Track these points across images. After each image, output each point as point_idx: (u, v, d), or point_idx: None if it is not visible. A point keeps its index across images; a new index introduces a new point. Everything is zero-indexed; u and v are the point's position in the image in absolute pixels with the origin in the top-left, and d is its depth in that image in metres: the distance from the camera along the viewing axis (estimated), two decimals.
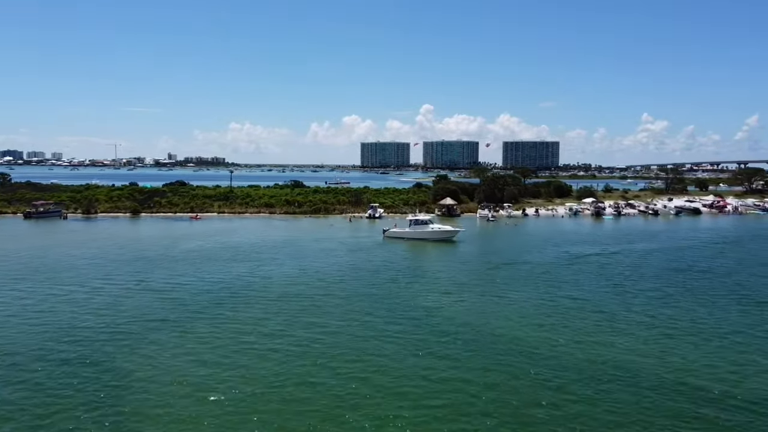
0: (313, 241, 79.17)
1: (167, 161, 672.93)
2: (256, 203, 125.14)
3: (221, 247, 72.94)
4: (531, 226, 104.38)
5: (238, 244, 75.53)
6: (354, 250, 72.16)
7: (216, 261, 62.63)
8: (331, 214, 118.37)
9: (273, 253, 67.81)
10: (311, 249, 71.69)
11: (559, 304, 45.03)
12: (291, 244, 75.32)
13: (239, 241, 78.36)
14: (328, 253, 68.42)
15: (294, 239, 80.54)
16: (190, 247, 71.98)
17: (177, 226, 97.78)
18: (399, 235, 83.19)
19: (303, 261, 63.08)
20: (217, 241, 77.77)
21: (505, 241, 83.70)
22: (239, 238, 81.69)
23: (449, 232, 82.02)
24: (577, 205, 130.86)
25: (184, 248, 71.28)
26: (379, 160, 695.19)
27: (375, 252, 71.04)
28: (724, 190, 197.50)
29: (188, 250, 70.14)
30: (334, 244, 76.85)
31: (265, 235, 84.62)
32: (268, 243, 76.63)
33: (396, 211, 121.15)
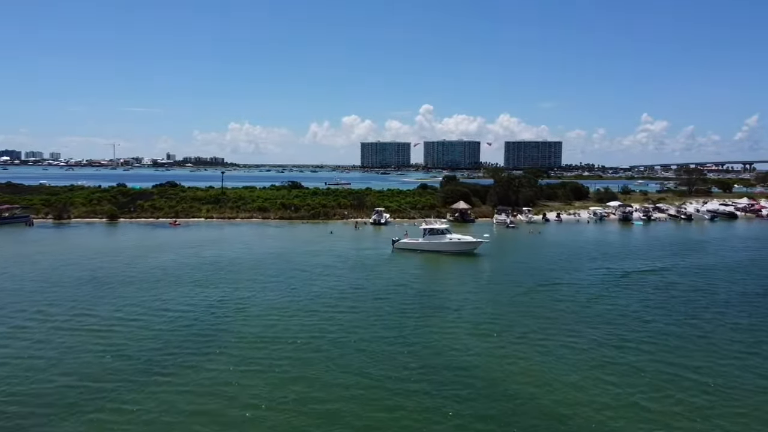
0: (309, 254, 66.45)
1: (165, 161, 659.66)
2: (249, 207, 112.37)
3: (197, 262, 60.17)
4: (555, 233, 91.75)
5: (218, 258, 62.81)
6: (357, 266, 59.38)
7: (184, 284, 49.74)
8: (331, 219, 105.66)
9: (257, 272, 55.00)
10: (305, 266, 58.90)
11: (637, 359, 32.31)
12: (281, 259, 62.57)
13: (221, 254, 65.65)
14: (324, 272, 55.68)
15: (286, 252, 67.79)
16: (159, 263, 59.19)
17: (154, 234, 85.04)
18: (411, 246, 70.55)
19: (292, 283, 50.27)
20: (195, 255, 65.02)
21: (532, 253, 70.98)
22: (222, 249, 68.95)
23: (471, 243, 69.35)
24: (602, 209, 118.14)
25: (150, 264, 58.47)
26: (379, 160, 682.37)
27: (382, 270, 58.28)
28: (746, 191, 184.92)
29: (155, 267, 57.30)
30: (333, 258, 64.17)
31: (253, 246, 71.87)
32: (254, 257, 63.91)
33: (403, 216, 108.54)
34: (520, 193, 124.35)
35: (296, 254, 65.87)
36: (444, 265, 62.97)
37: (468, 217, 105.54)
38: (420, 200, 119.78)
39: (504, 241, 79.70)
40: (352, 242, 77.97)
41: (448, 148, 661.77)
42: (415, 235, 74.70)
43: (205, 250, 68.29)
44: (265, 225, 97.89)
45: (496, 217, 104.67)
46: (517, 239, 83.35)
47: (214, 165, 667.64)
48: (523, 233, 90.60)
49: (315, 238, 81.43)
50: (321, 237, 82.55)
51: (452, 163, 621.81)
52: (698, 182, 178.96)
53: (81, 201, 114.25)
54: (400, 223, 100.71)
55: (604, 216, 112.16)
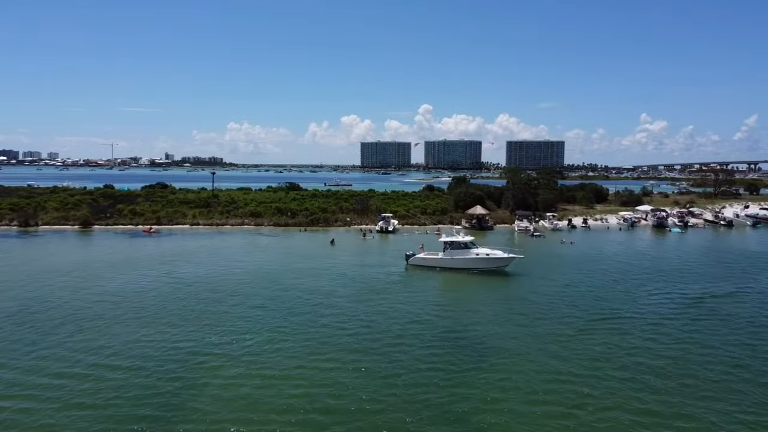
0: (305, 274, 54.02)
1: (163, 161, 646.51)
2: (240, 212, 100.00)
3: (164, 286, 47.72)
4: (586, 243, 79.35)
5: (192, 280, 50.29)
6: (364, 292, 46.83)
7: (139, 322, 37.33)
8: (332, 226, 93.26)
9: (237, 303, 42.53)
10: (299, 292, 46.37)
11: None
12: (271, 282, 50.13)
13: (197, 273, 53.22)
14: (324, 302, 43.19)
15: (277, 271, 55.35)
16: (116, 288, 46.70)
17: (127, 244, 72.55)
18: (428, 263, 58.29)
19: (281, 323, 37.85)
20: (165, 274, 52.65)
21: (571, 270, 58.52)
22: (200, 267, 56.51)
23: (502, 260, 56.98)
24: (632, 213, 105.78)
25: (104, 290, 45.93)
26: (380, 160, 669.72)
27: (395, 297, 45.84)
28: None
29: (108, 294, 44.73)
30: (335, 279, 51.80)
31: (239, 262, 59.46)
32: (237, 278, 51.46)
33: (413, 222, 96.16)
34: (539, 197, 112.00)
35: (289, 274, 53.45)
36: (470, 289, 50.58)
37: (486, 223, 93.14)
38: (430, 204, 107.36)
39: (532, 254, 67.24)
40: (356, 256, 65.55)
41: (449, 148, 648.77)
42: (431, 247, 62.52)
43: (180, 268, 55.90)
44: (257, 233, 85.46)
45: (517, 224, 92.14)
46: (547, 251, 70.95)
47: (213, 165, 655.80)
48: (551, 243, 78.21)
49: (313, 250, 69.02)
50: (320, 249, 70.21)
51: (453, 163, 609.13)
52: (725, 183, 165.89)
53: (54, 205, 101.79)
54: (409, 231, 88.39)
55: (635, 222, 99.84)
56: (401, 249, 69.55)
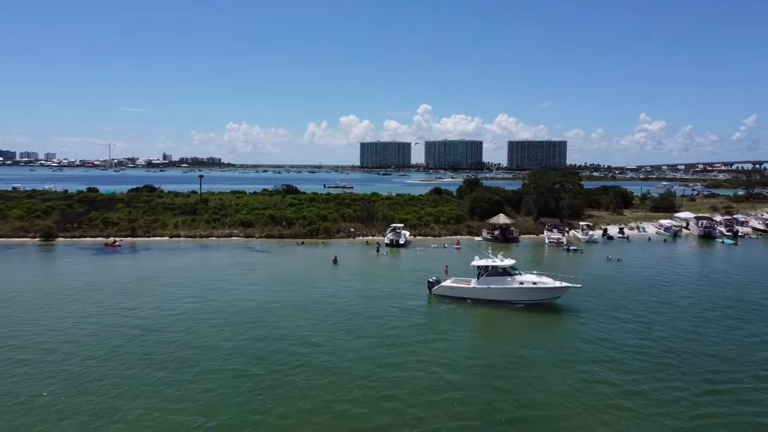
0: (295, 311, 40.87)
1: (160, 162, 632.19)
2: (228, 221, 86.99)
3: (94, 332, 34.63)
4: (634, 259, 66.19)
5: (148, 324, 36.89)
6: (377, 346, 33.81)
7: (54, 409, 24.50)
8: (333, 237, 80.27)
9: (201, 369, 29.40)
10: (280, 344, 33.41)
11: None
12: (251, 324, 36.97)
13: (159, 312, 39.84)
14: (325, 365, 30.15)
15: (258, 308, 42.03)
16: (27, 334, 33.65)
17: (83, 263, 59.11)
18: (458, 293, 45.42)
19: (256, 411, 25.13)
20: (114, 312, 39.38)
21: (635, 302, 45.47)
22: (165, 300, 43.23)
23: (554, 290, 44.07)
24: (671, 221, 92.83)
25: (12, 343, 33.04)
26: (379, 160, 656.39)
27: (420, 352, 32.70)
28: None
29: (5, 347, 32.04)
30: (333, 319, 38.67)
31: (211, 292, 46.20)
32: (199, 320, 38.13)
33: (425, 233, 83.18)
34: (563, 202, 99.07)
35: (276, 312, 40.34)
36: (518, 334, 37.52)
37: (511, 234, 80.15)
38: (443, 211, 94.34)
39: (578, 278, 54.52)
40: (364, 280, 52.43)
41: (450, 148, 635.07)
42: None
43: (138, 301, 42.86)
44: (247, 247, 72.40)
45: (547, 236, 79.07)
46: (593, 273, 57.90)
47: (211, 165, 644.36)
48: (594, 261, 65.24)
49: (311, 271, 55.95)
50: (320, 269, 57.21)
51: (454, 164, 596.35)
52: (758, 185, 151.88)
53: (19, 213, 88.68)
54: (423, 244, 75.42)
55: (677, 231, 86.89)
56: (417, 269, 56.93)
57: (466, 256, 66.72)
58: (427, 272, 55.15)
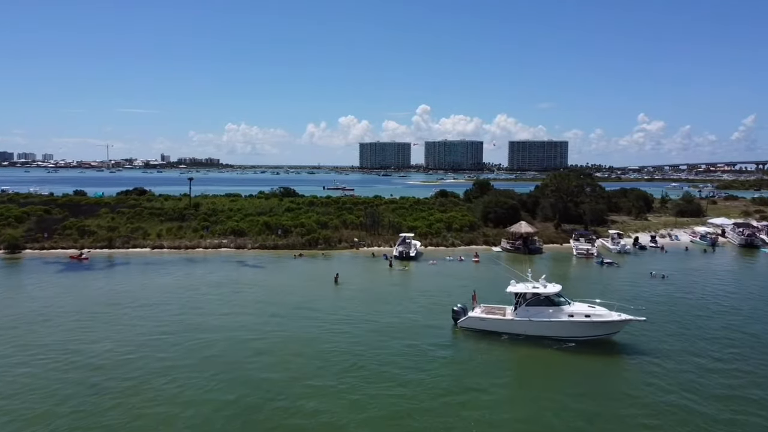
0: (283, 354, 32.00)
1: (157, 163, 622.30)
2: (218, 230, 78.00)
3: (41, 381, 25.60)
4: (678, 274, 57.37)
5: (95, 368, 28.22)
6: (382, 398, 25.38)
7: None
8: (335, 248, 71.28)
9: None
10: (260, 397, 24.69)
11: None
12: (220, 372, 28.08)
13: (111, 351, 31.15)
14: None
15: (243, 345, 33.15)
16: None
17: (42, 281, 49.51)
18: (491, 327, 36.52)
19: None
20: (61, 349, 30.68)
21: (704, 335, 36.87)
22: (123, 336, 34.49)
23: (613, 324, 35.09)
24: (705, 228, 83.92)
25: None
26: (379, 161, 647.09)
27: (441, 411, 24.16)
28: None
29: None
30: (328, 358, 30.09)
31: (189, 324, 37.18)
32: (170, 364, 29.26)
33: (437, 242, 74.12)
34: (584, 205, 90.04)
35: (261, 360, 31.30)
36: (579, 385, 28.56)
37: (533, 244, 71.16)
38: (455, 217, 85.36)
39: (625, 301, 45.68)
40: (371, 306, 43.29)
41: (450, 149, 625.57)
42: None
43: (91, 337, 33.90)
44: (237, 260, 63.35)
45: (575, 246, 70.10)
46: (639, 294, 48.90)
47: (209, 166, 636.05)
48: (635, 278, 56.09)
49: (309, 294, 46.86)
50: (318, 290, 48.18)
51: (454, 164, 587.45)
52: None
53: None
54: (435, 255, 66.41)
55: (714, 240, 77.94)
56: (433, 290, 48.15)
57: (486, 271, 58.01)
58: (445, 293, 46.47)
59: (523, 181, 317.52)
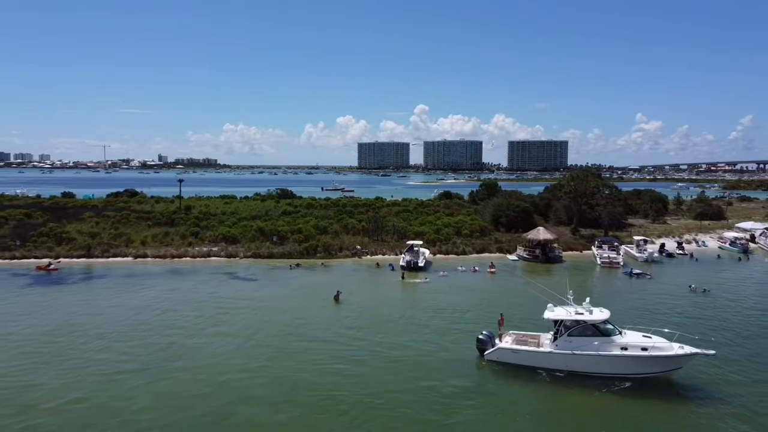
0: (274, 394, 25.69)
1: (154, 163, 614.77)
2: (209, 236, 71.51)
3: None
4: (717, 287, 50.95)
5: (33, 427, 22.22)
6: None
7: None
8: (335, 257, 64.81)
9: None
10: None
11: None
12: (195, 426, 22.21)
13: (60, 401, 24.70)
14: None
15: (225, 385, 26.76)
16: None
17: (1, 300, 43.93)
18: (526, 360, 30.13)
19: None
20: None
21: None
22: (78, 375, 27.92)
23: (675, 359, 28.75)
24: (736, 233, 77.59)
25: None
26: (377, 161, 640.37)
27: None
28: None
29: None
30: (324, 407, 23.61)
31: (161, 354, 30.82)
32: (127, 416, 23.18)
33: (446, 250, 67.60)
34: (602, 210, 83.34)
35: (246, 412, 24.76)
36: None
37: (552, 252, 64.73)
38: (464, 222, 78.92)
39: (669, 324, 39.38)
40: (379, 331, 36.70)
41: (449, 149, 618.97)
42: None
43: (41, 378, 27.49)
44: (227, 272, 56.84)
45: (598, 254, 63.63)
46: (684, 311, 42.73)
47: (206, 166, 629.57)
48: (670, 290, 49.79)
49: (307, 315, 40.30)
50: (319, 311, 41.63)
51: (453, 164, 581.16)
52: None
53: None
54: (446, 265, 59.97)
55: (747, 246, 71.60)
56: (447, 308, 41.95)
57: (505, 285, 51.64)
58: (462, 313, 40.26)
59: (525, 182, 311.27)
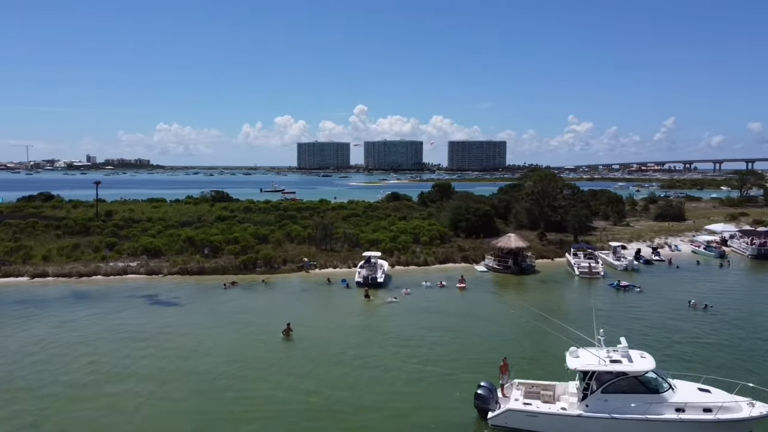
0: None
1: (82, 164, 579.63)
2: (127, 248, 60.54)
3: None
4: (722, 299, 44.84)
5: None
6: None
7: None
8: (278, 272, 55.15)
9: None
10: None
11: None
12: None
13: None
14: None
15: None
16: None
17: None
18: (545, 428, 22.07)
19: None
20: None
21: None
22: None
23: (743, 423, 21.57)
24: (706, 237, 72.80)
25: None
26: (317, 161, 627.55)
27: None
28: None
29: None
30: None
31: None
32: None
33: (407, 261, 59.11)
34: (563, 210, 76.94)
35: None
36: None
37: (524, 261, 57.34)
38: (421, 227, 70.92)
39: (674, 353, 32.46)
40: (339, 381, 28.04)
41: (390, 149, 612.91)
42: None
43: None
44: (145, 295, 46.29)
45: (576, 264, 56.50)
46: (697, 334, 36.09)
47: (138, 167, 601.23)
48: (666, 305, 43.24)
49: (244, 357, 30.85)
50: (262, 352, 32.02)
51: (394, 164, 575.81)
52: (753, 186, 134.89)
53: None
54: (408, 280, 51.52)
55: (723, 251, 66.67)
56: (421, 338, 33.54)
57: (483, 304, 43.77)
58: (441, 347, 31.85)
59: (467, 182, 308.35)
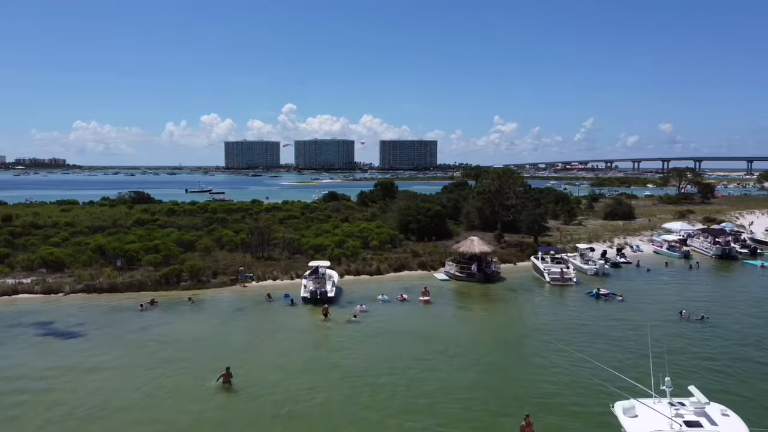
0: None
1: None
2: (22, 261, 50.01)
3: None
4: (712, 307, 40.31)
5: None
6: None
7: None
8: (207, 286, 46.44)
9: None
10: None
11: None
12: None
13: None
14: None
15: None
16: None
17: None
18: None
19: None
20: None
21: None
22: None
23: None
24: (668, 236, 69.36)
25: None
26: (246, 160, 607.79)
27: None
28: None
29: None
30: None
31: None
32: None
33: (359, 269, 51.70)
34: (515, 210, 71.67)
35: None
36: None
37: (490, 268, 51.06)
38: (370, 230, 63.69)
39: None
40: None
41: (321, 148, 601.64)
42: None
43: None
44: (39, 321, 36.53)
45: (546, 269, 50.52)
46: (701, 353, 30.87)
47: (54, 167, 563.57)
48: (655, 317, 38.15)
49: (164, 420, 23.18)
50: (190, 410, 24.33)
51: (326, 164, 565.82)
52: (690, 184, 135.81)
53: None
54: (362, 293, 44.28)
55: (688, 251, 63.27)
56: (391, 375, 26.21)
57: (446, 318, 37.31)
58: (416, 388, 24.75)
59: (401, 180, 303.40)
